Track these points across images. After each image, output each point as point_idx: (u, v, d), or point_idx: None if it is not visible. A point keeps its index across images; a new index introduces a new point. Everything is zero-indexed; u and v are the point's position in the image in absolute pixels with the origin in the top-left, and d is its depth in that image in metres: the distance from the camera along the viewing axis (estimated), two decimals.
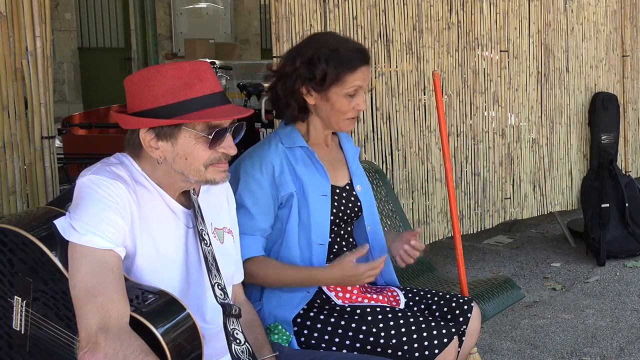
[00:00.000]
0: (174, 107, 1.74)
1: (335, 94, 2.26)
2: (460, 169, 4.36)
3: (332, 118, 2.31)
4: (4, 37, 2.54)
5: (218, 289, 1.83)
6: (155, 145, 1.77)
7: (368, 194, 2.50)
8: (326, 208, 2.32)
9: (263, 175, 2.26)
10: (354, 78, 2.26)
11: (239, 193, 2.25)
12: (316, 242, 2.30)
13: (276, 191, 2.28)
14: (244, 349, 1.80)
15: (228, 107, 1.80)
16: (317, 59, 2.24)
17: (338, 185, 2.40)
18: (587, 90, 5.13)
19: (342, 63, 2.24)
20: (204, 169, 1.80)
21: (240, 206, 2.23)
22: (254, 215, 2.25)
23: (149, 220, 1.79)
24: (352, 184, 2.45)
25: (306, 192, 2.29)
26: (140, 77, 1.78)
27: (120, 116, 1.80)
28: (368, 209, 2.47)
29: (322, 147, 2.41)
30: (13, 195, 2.60)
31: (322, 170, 2.34)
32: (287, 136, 2.34)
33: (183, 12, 13.54)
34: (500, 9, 4.45)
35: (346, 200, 2.40)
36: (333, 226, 2.35)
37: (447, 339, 2.25)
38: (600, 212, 4.91)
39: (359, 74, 2.26)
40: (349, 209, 2.40)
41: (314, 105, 2.31)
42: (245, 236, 2.23)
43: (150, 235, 1.79)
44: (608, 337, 3.73)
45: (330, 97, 2.27)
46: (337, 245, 2.39)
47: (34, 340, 1.80)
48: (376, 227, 2.50)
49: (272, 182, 2.27)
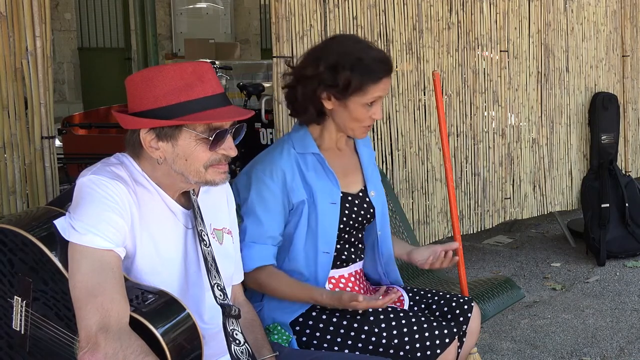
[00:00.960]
0: (175, 108, 1.74)
1: (355, 103, 2.24)
2: (460, 169, 4.36)
3: (347, 125, 2.29)
4: (4, 37, 2.54)
5: (217, 290, 1.83)
6: (156, 145, 1.77)
7: (381, 199, 2.47)
8: (335, 216, 2.31)
9: (274, 181, 2.25)
10: (376, 89, 2.23)
11: (251, 199, 2.24)
12: (322, 250, 2.29)
13: (287, 197, 2.27)
14: (244, 350, 1.80)
15: (229, 109, 1.80)
16: (342, 67, 2.20)
17: (350, 192, 2.38)
18: (587, 90, 5.13)
19: (366, 73, 2.20)
20: (204, 170, 1.80)
21: (251, 213, 2.23)
22: (264, 222, 2.24)
23: (149, 221, 1.79)
24: (365, 190, 2.43)
25: (316, 200, 2.28)
26: (142, 77, 1.77)
27: (121, 116, 1.80)
28: (380, 214, 2.45)
29: (335, 151, 2.38)
30: (13, 195, 2.60)
31: (333, 178, 2.32)
32: (300, 141, 2.32)
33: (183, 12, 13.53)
34: (500, 9, 4.45)
35: (358, 208, 2.38)
36: (343, 233, 2.34)
37: (448, 339, 2.25)
38: (600, 212, 4.92)
39: (381, 85, 2.24)
40: (360, 215, 2.38)
41: (331, 110, 2.28)
42: (256, 245, 2.23)
43: (150, 236, 1.79)
44: (608, 337, 3.73)
45: (349, 105, 2.24)
46: (347, 251, 2.39)
47: (34, 340, 1.80)
48: (386, 232, 2.49)
49: (284, 188, 2.26)
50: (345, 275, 2.38)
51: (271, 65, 3.44)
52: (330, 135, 2.35)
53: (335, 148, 2.39)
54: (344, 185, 2.36)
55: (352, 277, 2.40)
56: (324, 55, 2.25)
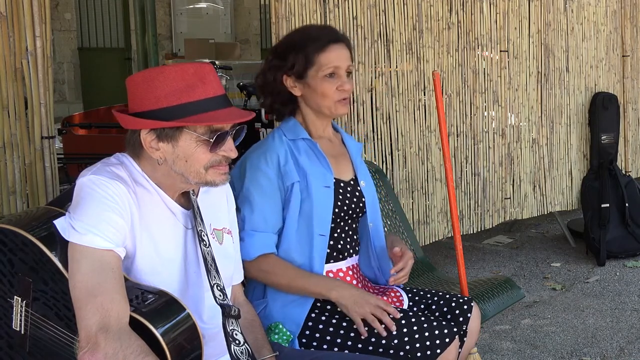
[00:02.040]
0: (176, 109, 1.74)
1: (314, 79, 2.28)
2: (460, 169, 4.36)
3: (320, 103, 2.31)
4: (4, 37, 2.54)
5: (217, 290, 1.83)
6: (156, 146, 1.77)
7: (371, 191, 2.50)
8: (329, 200, 2.32)
9: (269, 166, 2.27)
10: (327, 58, 2.27)
11: (247, 187, 2.26)
12: (317, 233, 2.30)
13: (282, 181, 2.28)
14: (243, 350, 1.80)
15: (230, 111, 1.80)
16: (288, 47, 2.30)
17: (343, 179, 2.40)
18: (587, 90, 5.13)
19: (310, 43, 2.27)
20: (204, 171, 1.80)
21: (248, 201, 2.24)
22: (263, 208, 2.25)
23: (149, 221, 1.80)
24: (356, 179, 2.46)
25: (309, 184, 2.29)
26: (143, 78, 1.77)
27: (122, 116, 1.80)
28: (371, 206, 2.47)
29: (325, 141, 2.42)
30: (13, 195, 2.60)
31: (325, 163, 2.35)
32: (290, 129, 2.35)
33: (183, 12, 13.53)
34: (500, 9, 4.45)
35: (351, 195, 2.40)
36: (338, 219, 2.35)
37: (448, 339, 2.24)
38: (600, 212, 4.92)
39: (331, 54, 2.28)
40: (353, 203, 2.40)
41: (302, 96, 2.33)
42: (257, 233, 2.23)
43: (149, 236, 1.79)
44: (608, 337, 3.73)
45: (310, 84, 2.29)
46: (342, 241, 2.39)
47: (34, 340, 1.80)
48: (378, 225, 2.50)
49: (278, 172, 2.28)
50: (343, 269, 2.38)
51: None
52: (314, 123, 2.38)
53: (325, 137, 2.42)
54: (337, 172, 2.38)
55: (349, 271, 2.40)
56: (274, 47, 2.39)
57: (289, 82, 2.31)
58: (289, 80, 2.31)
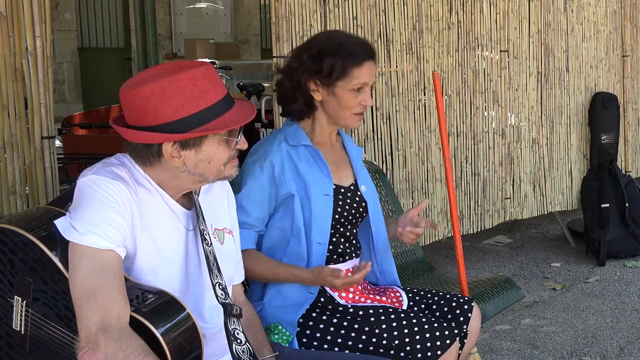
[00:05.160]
0: (197, 117, 1.74)
1: (342, 89, 2.28)
2: (460, 169, 4.36)
3: (339, 113, 2.32)
4: (4, 37, 2.54)
5: (219, 289, 1.83)
6: (178, 155, 1.77)
7: (373, 195, 2.50)
8: (328, 208, 2.32)
9: (263, 173, 2.28)
10: (360, 73, 2.27)
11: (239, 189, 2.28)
12: (315, 241, 2.30)
13: (275, 189, 2.29)
14: (245, 349, 1.80)
15: (240, 108, 1.82)
16: (324, 54, 2.27)
17: (343, 185, 2.40)
18: (587, 90, 5.13)
19: (348, 57, 2.26)
20: (224, 168, 1.84)
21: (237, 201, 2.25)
22: (249, 210, 2.27)
23: (150, 221, 1.80)
24: (357, 184, 2.45)
25: (309, 191, 2.29)
26: (153, 90, 1.72)
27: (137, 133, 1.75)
28: (373, 209, 2.47)
29: (327, 146, 2.41)
30: (13, 195, 2.60)
31: (325, 170, 2.34)
32: (292, 134, 2.35)
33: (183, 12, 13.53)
34: (500, 9, 4.45)
35: (351, 201, 2.40)
36: (338, 225, 2.35)
37: (449, 340, 2.24)
38: (600, 212, 4.91)
39: (364, 70, 2.28)
40: (353, 209, 2.40)
41: (321, 101, 2.32)
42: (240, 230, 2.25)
43: (150, 236, 1.79)
44: (608, 337, 3.73)
45: (336, 93, 2.29)
46: (342, 246, 2.39)
47: (34, 340, 1.80)
48: (380, 228, 2.50)
49: (272, 180, 2.29)
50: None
51: (271, 65, 3.45)
52: (322, 129, 2.38)
53: (327, 143, 2.42)
54: (336, 178, 2.39)
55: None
56: (307, 47, 2.34)
57: (312, 85, 2.30)
58: (312, 84, 2.30)
